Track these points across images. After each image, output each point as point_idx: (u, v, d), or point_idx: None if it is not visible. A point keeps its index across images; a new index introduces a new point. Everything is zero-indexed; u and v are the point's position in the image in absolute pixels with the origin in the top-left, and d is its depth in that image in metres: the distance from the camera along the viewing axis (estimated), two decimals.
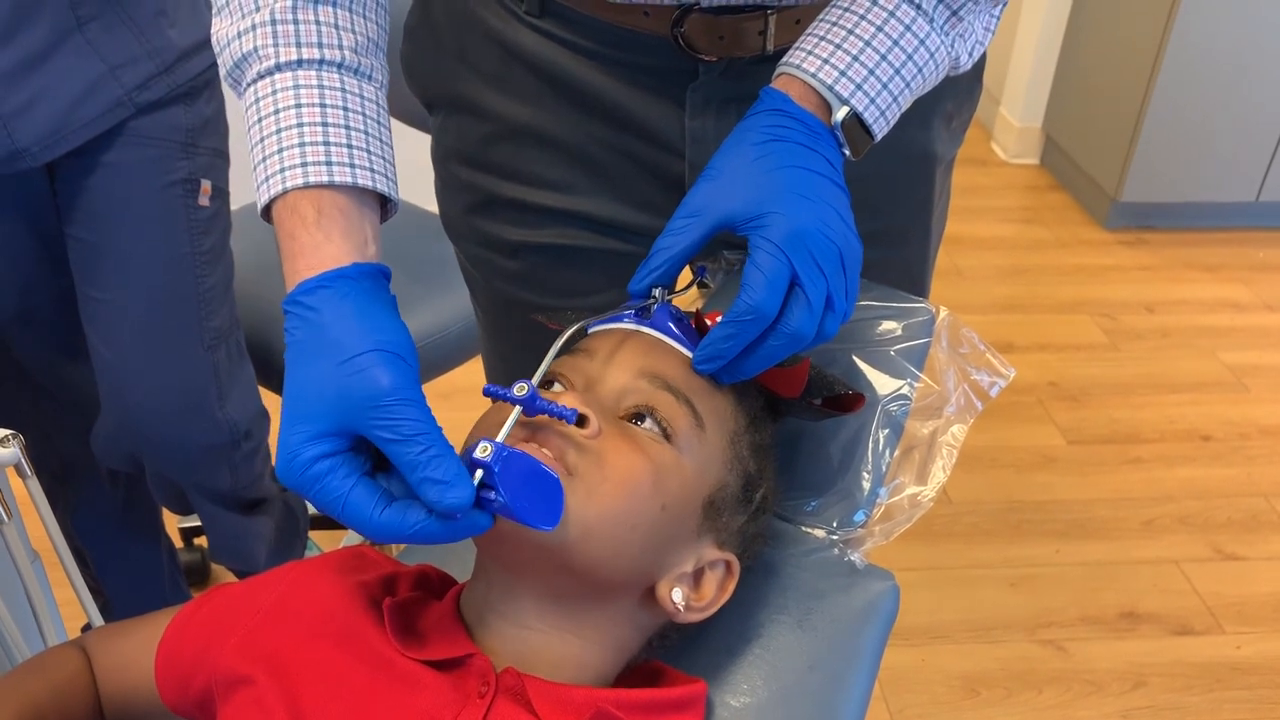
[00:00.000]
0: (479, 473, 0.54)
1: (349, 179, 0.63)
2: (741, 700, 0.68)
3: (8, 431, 0.92)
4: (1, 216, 1.11)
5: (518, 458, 0.55)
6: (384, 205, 0.67)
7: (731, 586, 0.66)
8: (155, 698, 0.69)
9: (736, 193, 0.63)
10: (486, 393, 0.60)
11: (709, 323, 0.72)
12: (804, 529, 0.75)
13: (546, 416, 0.60)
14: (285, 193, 0.62)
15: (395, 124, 1.75)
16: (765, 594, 0.71)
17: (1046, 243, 2.93)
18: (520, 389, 0.58)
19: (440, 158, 0.91)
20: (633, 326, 0.68)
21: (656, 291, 0.67)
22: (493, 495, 0.54)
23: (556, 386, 0.66)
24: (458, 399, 2.06)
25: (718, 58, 0.76)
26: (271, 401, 1.34)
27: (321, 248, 0.61)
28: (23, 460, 0.92)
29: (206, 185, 1.15)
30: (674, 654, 0.69)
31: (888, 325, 0.81)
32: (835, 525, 0.74)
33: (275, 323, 1.40)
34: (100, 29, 1.04)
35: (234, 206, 1.25)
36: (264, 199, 0.64)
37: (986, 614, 1.80)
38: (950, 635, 1.76)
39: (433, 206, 1.72)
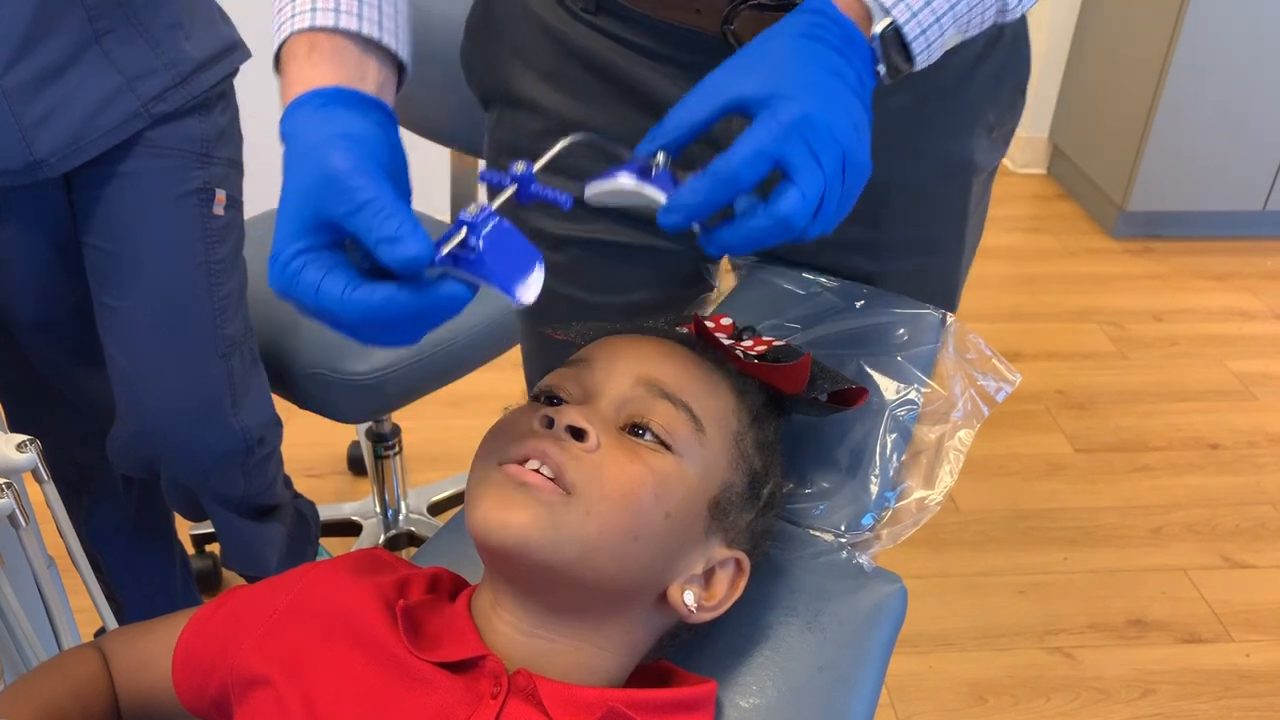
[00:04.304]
0: (464, 230, 0.53)
1: (354, 26, 0.62)
2: (751, 701, 0.68)
3: (25, 437, 0.93)
4: (20, 226, 1.12)
5: (503, 222, 0.54)
6: (399, 78, 0.66)
7: (742, 584, 0.67)
8: (173, 698, 0.70)
9: (756, 75, 0.61)
10: (482, 178, 0.59)
11: (711, 325, 0.73)
12: (812, 532, 0.75)
13: (545, 421, 0.62)
14: (291, 36, 0.62)
15: (406, 134, 1.76)
16: (774, 596, 0.72)
17: (1054, 251, 2.94)
18: (519, 167, 0.57)
19: (493, 152, 0.93)
20: (633, 181, 0.63)
21: (660, 157, 0.63)
22: (473, 255, 0.53)
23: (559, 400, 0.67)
24: (468, 406, 2.08)
25: None
26: (284, 409, 1.35)
27: (310, 78, 0.60)
28: (40, 465, 0.93)
29: (221, 195, 1.16)
30: (684, 655, 0.69)
31: (895, 331, 0.82)
32: (843, 528, 0.75)
33: (288, 331, 1.41)
34: (117, 41, 1.05)
35: (247, 215, 1.26)
36: (273, 51, 0.63)
37: (995, 621, 1.80)
38: (958, 642, 1.76)
39: (440, 215, 1.74)
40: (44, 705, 0.68)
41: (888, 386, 0.79)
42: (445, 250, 0.53)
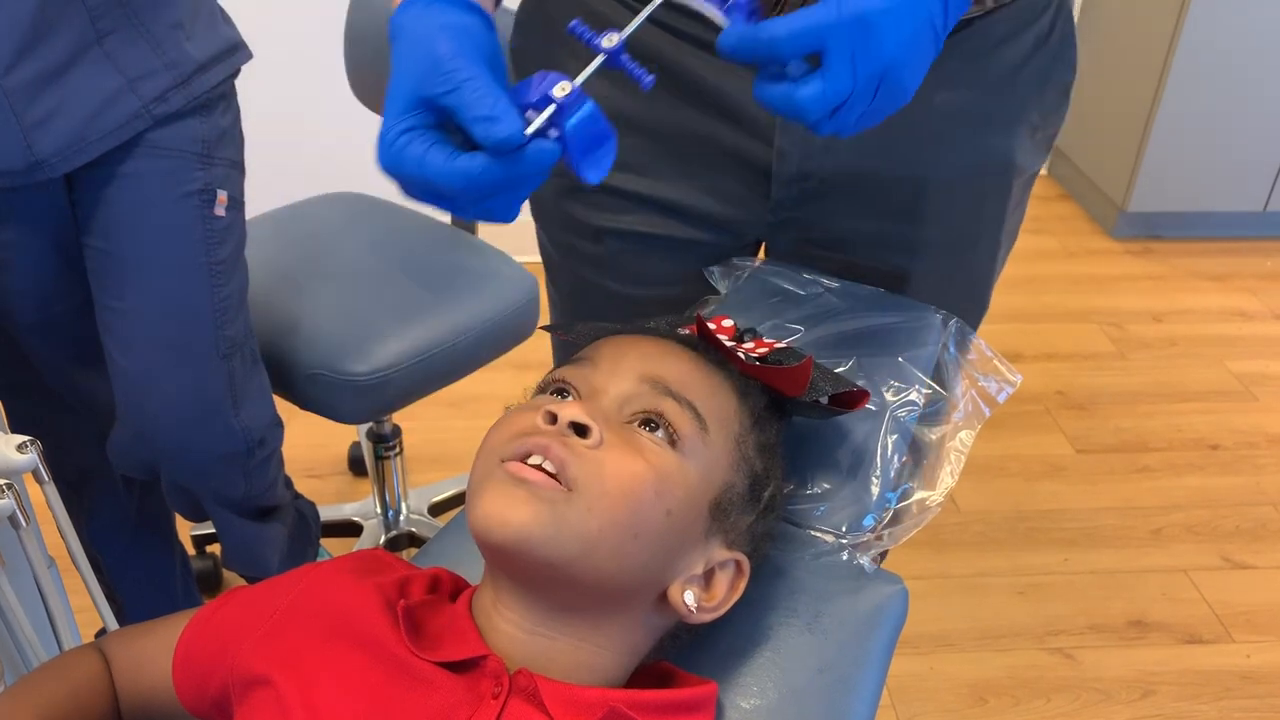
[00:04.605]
0: (550, 108, 0.56)
1: None
2: (751, 702, 0.68)
3: (25, 438, 0.93)
4: (21, 227, 1.12)
5: (589, 104, 0.57)
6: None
7: (742, 585, 0.67)
8: (173, 698, 0.70)
9: None
10: (571, 29, 0.60)
11: (712, 327, 0.73)
12: (813, 533, 0.75)
13: (548, 417, 0.62)
14: None
15: None
16: (775, 597, 0.72)
17: (1054, 252, 2.94)
18: (609, 40, 0.58)
19: None
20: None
21: None
22: (554, 134, 0.56)
23: (567, 395, 0.67)
24: (468, 407, 2.09)
25: None
26: (284, 410, 1.35)
27: None
28: (40, 466, 0.93)
29: (223, 196, 1.16)
30: (684, 656, 0.69)
31: (896, 332, 0.82)
32: (844, 529, 0.75)
33: (289, 332, 1.41)
34: (119, 42, 1.05)
35: (248, 216, 1.26)
36: None
37: (995, 622, 1.80)
38: (959, 643, 1.76)
39: (441, 216, 1.74)
40: (44, 706, 0.68)
41: (889, 387, 0.79)
42: (531, 130, 0.56)
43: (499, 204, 0.58)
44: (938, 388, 0.80)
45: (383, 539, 1.84)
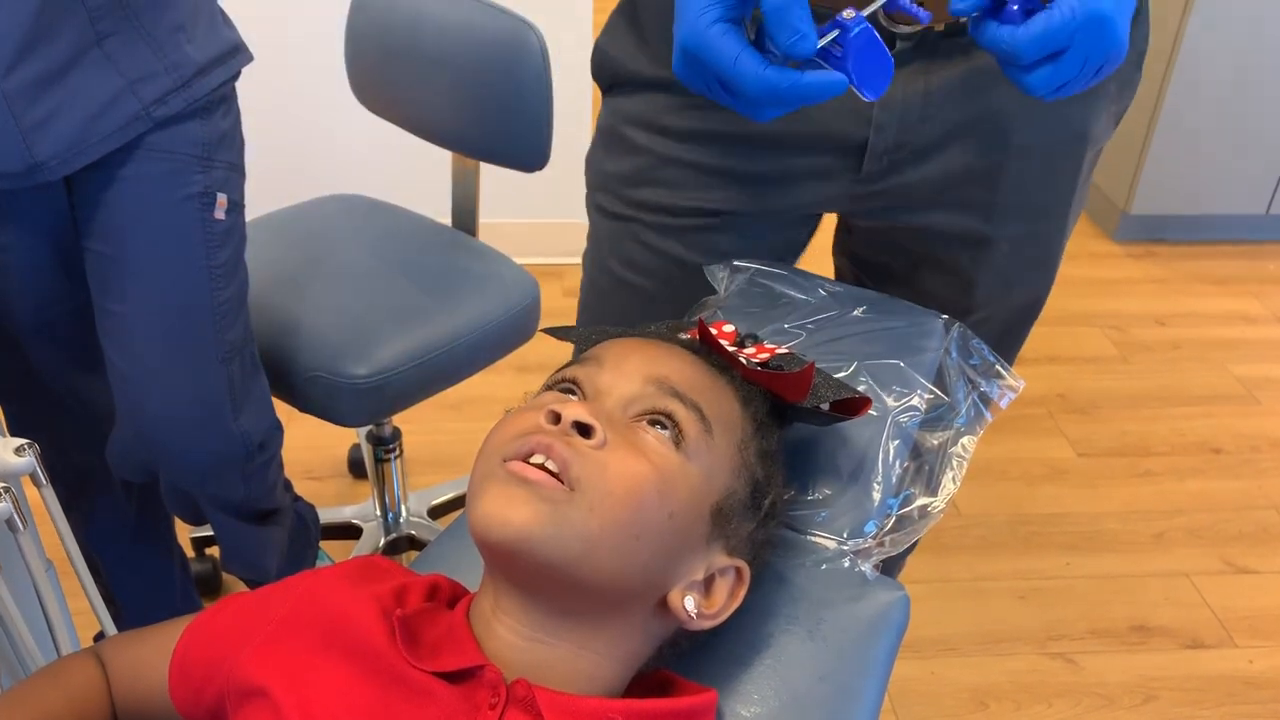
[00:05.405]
0: (836, 30, 0.62)
1: None
2: (752, 710, 0.68)
3: (24, 441, 0.92)
4: (20, 229, 1.12)
5: (869, 28, 0.62)
6: None
7: (742, 593, 0.66)
8: (169, 706, 0.70)
9: None
10: None
11: (714, 332, 0.72)
12: (814, 539, 0.75)
13: (551, 417, 0.62)
14: None
15: (406, 135, 1.76)
16: (775, 604, 0.71)
17: None
18: None
19: (612, 124, 0.94)
20: None
21: None
22: (839, 53, 0.62)
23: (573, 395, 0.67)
24: (469, 409, 2.08)
25: (914, 30, 0.79)
26: (284, 412, 1.35)
27: None
28: (38, 469, 0.93)
29: (222, 199, 1.15)
30: (685, 664, 0.69)
31: (897, 336, 0.82)
32: (845, 536, 0.74)
33: (288, 333, 1.41)
34: (119, 44, 1.05)
35: (248, 219, 1.25)
36: None
37: (996, 626, 1.80)
38: (960, 647, 1.76)
39: (442, 218, 1.73)
40: (39, 713, 0.68)
41: (890, 393, 0.78)
42: (821, 43, 0.62)
43: (774, 112, 0.63)
44: (939, 393, 0.79)
45: (382, 542, 1.83)
